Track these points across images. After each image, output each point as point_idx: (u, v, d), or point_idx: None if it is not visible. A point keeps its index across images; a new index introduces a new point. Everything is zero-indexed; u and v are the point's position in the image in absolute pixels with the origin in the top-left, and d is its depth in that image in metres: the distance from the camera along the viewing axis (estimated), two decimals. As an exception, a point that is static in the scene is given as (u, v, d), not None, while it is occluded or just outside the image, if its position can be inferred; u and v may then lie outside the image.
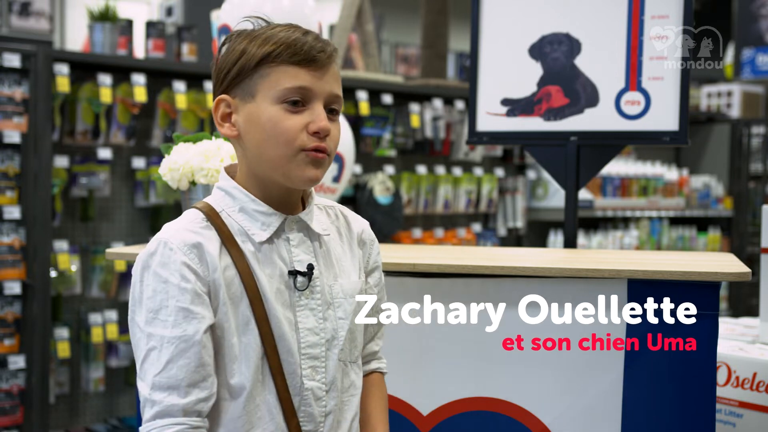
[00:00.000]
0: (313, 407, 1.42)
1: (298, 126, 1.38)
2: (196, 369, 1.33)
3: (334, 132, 1.41)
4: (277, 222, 1.42)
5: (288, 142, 1.37)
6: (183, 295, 1.34)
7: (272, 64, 1.38)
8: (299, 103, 1.38)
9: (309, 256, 1.45)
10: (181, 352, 1.32)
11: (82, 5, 5.01)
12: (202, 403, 1.34)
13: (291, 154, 1.38)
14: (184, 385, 1.32)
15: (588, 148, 2.55)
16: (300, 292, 1.42)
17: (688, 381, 1.91)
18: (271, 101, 1.38)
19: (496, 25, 2.63)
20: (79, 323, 4.10)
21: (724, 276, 1.91)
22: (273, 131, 1.38)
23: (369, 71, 5.14)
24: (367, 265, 1.57)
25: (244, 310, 1.39)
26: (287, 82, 1.37)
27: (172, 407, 1.32)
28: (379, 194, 4.78)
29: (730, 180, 7.04)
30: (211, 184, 2.09)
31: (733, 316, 6.25)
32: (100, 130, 4.03)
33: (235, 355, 1.38)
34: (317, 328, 1.43)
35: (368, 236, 1.58)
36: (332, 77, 1.41)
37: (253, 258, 1.40)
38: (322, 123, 1.38)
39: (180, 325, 1.33)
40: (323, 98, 1.40)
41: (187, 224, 1.40)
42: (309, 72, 1.38)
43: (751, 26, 7.88)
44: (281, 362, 1.40)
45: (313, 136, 1.38)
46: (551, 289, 1.97)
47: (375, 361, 1.64)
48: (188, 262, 1.35)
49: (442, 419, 2.07)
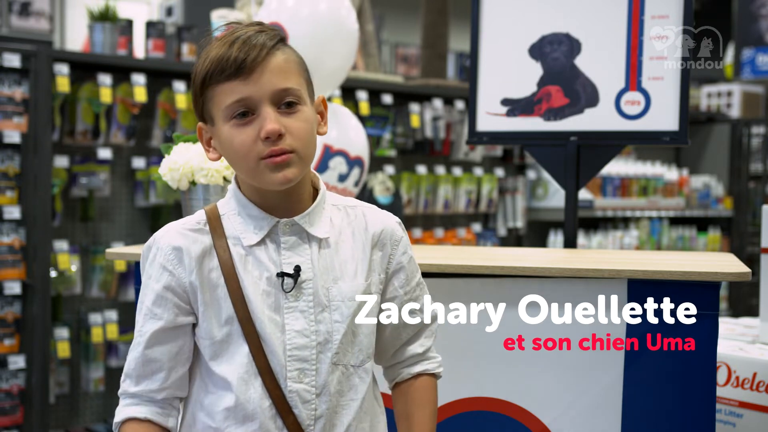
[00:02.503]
0: (300, 410, 1.42)
1: (251, 138, 1.38)
2: (144, 363, 1.44)
3: (294, 125, 1.40)
4: (268, 225, 1.44)
5: (245, 156, 1.39)
6: (150, 293, 1.44)
7: (210, 86, 1.40)
8: (247, 113, 1.39)
9: (302, 258, 1.44)
10: (136, 345, 1.44)
11: (82, 5, 5.01)
12: (153, 393, 1.45)
13: (253, 166, 1.39)
14: (135, 375, 1.45)
15: (588, 148, 2.55)
16: (287, 293, 1.43)
17: (688, 381, 1.91)
18: (223, 120, 1.41)
19: (496, 25, 2.63)
20: (79, 323, 4.10)
21: (724, 276, 1.91)
22: (231, 149, 1.41)
23: (369, 71, 5.13)
24: (389, 266, 1.53)
25: (227, 311, 1.42)
26: (226, 98, 1.39)
27: (125, 392, 1.46)
28: (379, 194, 4.78)
29: (730, 180, 7.04)
30: (211, 184, 2.09)
31: (733, 316, 6.25)
32: (100, 130, 4.03)
33: (216, 352, 1.43)
34: (307, 330, 1.43)
35: (390, 237, 1.53)
36: (270, 73, 1.39)
37: (240, 260, 1.43)
38: (268, 127, 1.37)
39: (140, 321, 1.45)
40: (267, 99, 1.39)
41: (181, 226, 1.47)
42: (242, 82, 1.38)
43: (751, 26, 7.88)
44: (269, 363, 1.41)
45: (266, 142, 1.38)
46: (551, 289, 1.97)
47: (422, 363, 1.58)
48: (165, 264, 1.43)
49: (442, 419, 2.07)
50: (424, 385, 1.58)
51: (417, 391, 1.57)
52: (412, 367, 1.58)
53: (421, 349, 1.58)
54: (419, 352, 1.58)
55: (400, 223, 1.57)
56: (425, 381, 1.58)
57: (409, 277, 1.55)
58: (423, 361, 1.58)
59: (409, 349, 1.57)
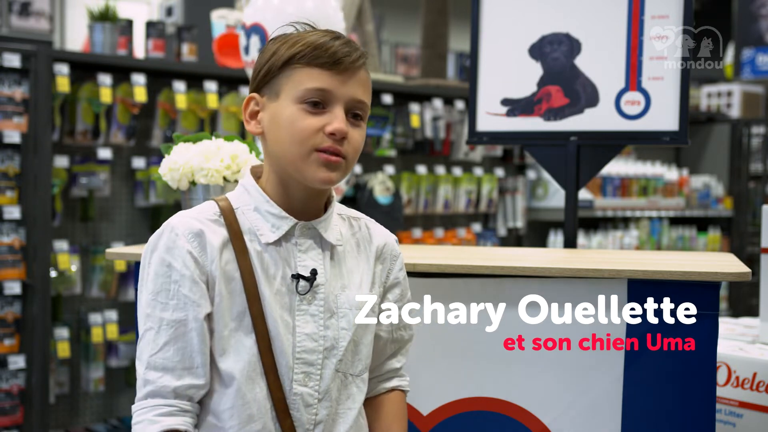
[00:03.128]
0: (302, 413, 1.42)
1: (315, 126, 1.39)
2: (191, 354, 1.37)
3: (354, 137, 1.43)
4: (287, 225, 1.44)
5: (303, 141, 1.39)
6: (183, 281, 1.38)
7: (297, 65, 1.41)
8: (319, 104, 1.40)
9: (316, 263, 1.45)
10: (179, 336, 1.37)
11: (82, 5, 5.01)
12: (193, 390, 1.38)
13: (305, 153, 1.39)
14: (179, 368, 1.37)
15: (588, 148, 2.55)
16: (301, 296, 1.43)
17: (688, 381, 1.91)
18: (292, 101, 1.41)
19: (496, 25, 2.63)
20: (79, 323, 4.10)
21: (724, 276, 1.90)
22: (290, 129, 1.40)
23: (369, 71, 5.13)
24: (387, 280, 1.57)
25: (240, 306, 1.40)
26: (309, 82, 1.40)
27: (164, 388, 1.36)
28: (379, 194, 4.78)
29: (730, 180, 7.04)
30: (211, 184, 2.09)
31: (733, 316, 6.25)
32: (100, 130, 4.03)
33: (224, 347, 1.40)
34: (316, 335, 1.43)
35: (390, 252, 1.58)
36: (357, 82, 1.43)
37: (257, 257, 1.42)
38: (339, 125, 1.39)
39: (179, 310, 1.37)
40: (344, 102, 1.41)
41: (197, 214, 1.44)
42: (331, 75, 1.40)
43: (751, 26, 7.88)
44: (275, 363, 1.41)
45: (328, 137, 1.39)
46: (551, 289, 1.97)
47: (396, 379, 1.63)
48: (191, 249, 1.39)
49: (442, 419, 2.07)
50: (398, 400, 1.62)
51: (393, 405, 1.60)
52: (387, 382, 1.61)
53: (399, 364, 1.63)
54: (396, 367, 1.62)
55: (396, 241, 1.62)
56: (398, 396, 1.62)
57: (402, 293, 1.60)
58: (397, 377, 1.63)
59: (388, 363, 1.61)
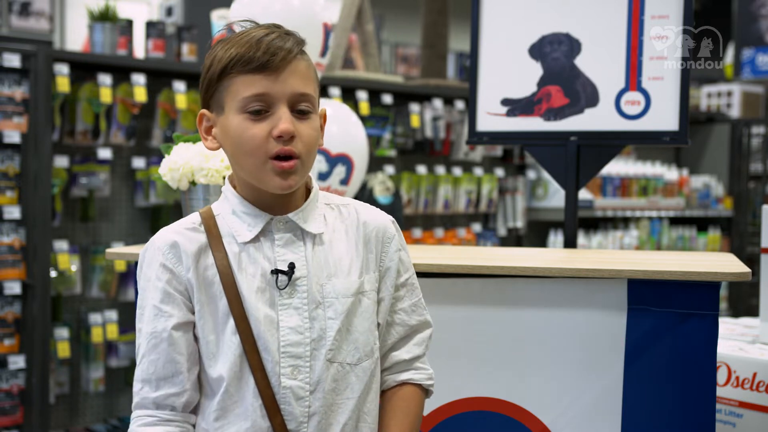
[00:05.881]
0: (293, 406, 1.41)
1: (262, 134, 1.39)
2: (164, 365, 1.41)
3: (304, 132, 1.41)
4: (262, 222, 1.45)
5: (253, 151, 1.39)
6: (155, 293, 1.43)
7: (230, 75, 1.40)
8: (262, 110, 1.39)
9: (296, 256, 1.45)
10: (153, 347, 1.41)
11: (82, 5, 5.01)
12: (173, 398, 1.41)
13: (260, 163, 1.40)
14: (154, 378, 1.41)
15: (588, 148, 2.55)
16: (281, 290, 1.43)
17: (688, 381, 1.91)
18: (236, 111, 1.40)
19: (496, 25, 2.63)
20: (79, 323, 4.10)
21: (724, 276, 1.90)
22: (239, 141, 1.40)
23: (369, 71, 5.13)
24: (381, 264, 1.52)
25: (223, 309, 1.42)
26: (245, 90, 1.39)
27: (145, 399, 1.42)
28: (379, 194, 4.78)
29: (730, 180, 7.04)
30: (211, 184, 2.09)
31: (733, 316, 6.26)
32: (100, 130, 4.03)
33: (212, 352, 1.43)
34: (301, 327, 1.43)
35: (381, 234, 1.52)
36: (294, 76, 1.40)
37: (235, 258, 1.44)
38: (283, 126, 1.38)
39: (151, 322, 1.42)
40: (285, 100, 1.40)
41: (177, 226, 1.48)
42: (264, 76, 1.39)
43: (751, 26, 7.88)
44: (261, 360, 1.41)
45: (277, 141, 1.38)
46: (551, 289, 1.97)
47: (409, 371, 1.54)
48: (165, 262, 1.43)
49: (442, 419, 2.07)
50: (408, 394, 1.53)
51: (400, 400, 1.53)
52: (397, 375, 1.54)
53: (408, 356, 1.54)
54: (405, 359, 1.54)
55: (393, 222, 1.56)
56: (409, 390, 1.54)
57: (399, 276, 1.53)
58: (410, 369, 1.54)
59: (394, 354, 1.54)
